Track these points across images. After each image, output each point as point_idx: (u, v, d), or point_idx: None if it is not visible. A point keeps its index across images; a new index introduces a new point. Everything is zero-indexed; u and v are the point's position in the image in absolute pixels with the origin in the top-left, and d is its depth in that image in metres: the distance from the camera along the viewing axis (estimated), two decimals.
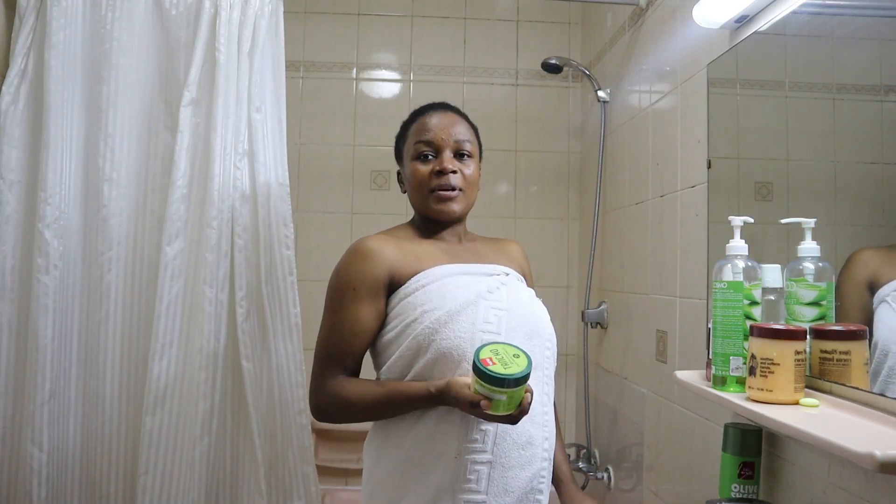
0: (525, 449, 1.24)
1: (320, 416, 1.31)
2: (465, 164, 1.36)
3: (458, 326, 1.22)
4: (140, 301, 1.84)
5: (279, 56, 1.92)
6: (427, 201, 1.35)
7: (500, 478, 1.22)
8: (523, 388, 1.14)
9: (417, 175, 1.35)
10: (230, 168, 1.82)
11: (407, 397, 1.22)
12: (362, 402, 1.25)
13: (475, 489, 1.21)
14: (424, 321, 1.23)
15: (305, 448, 1.83)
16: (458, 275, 1.30)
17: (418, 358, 1.23)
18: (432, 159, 1.35)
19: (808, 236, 1.11)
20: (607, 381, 2.23)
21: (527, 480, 1.24)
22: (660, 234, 1.79)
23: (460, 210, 1.36)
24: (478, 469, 1.21)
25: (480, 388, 1.12)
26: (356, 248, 1.31)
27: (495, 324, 1.25)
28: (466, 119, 1.43)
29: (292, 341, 1.84)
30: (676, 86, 1.71)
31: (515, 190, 2.65)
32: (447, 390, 1.17)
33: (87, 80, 1.85)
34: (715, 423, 1.43)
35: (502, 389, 1.10)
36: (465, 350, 1.21)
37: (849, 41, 1.17)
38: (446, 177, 1.33)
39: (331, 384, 1.27)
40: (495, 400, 1.12)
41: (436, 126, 1.36)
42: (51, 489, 1.76)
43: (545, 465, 1.27)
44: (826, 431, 0.88)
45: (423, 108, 1.43)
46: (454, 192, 1.34)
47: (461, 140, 1.36)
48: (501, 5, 2.72)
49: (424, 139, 1.36)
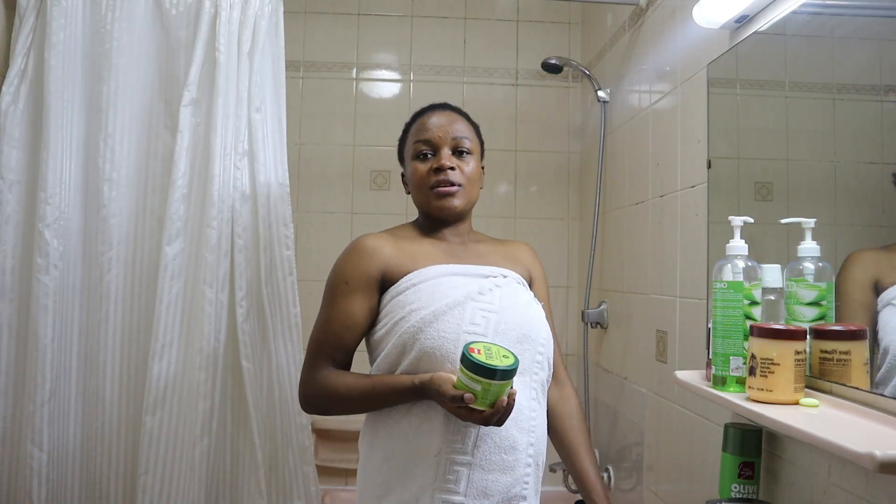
0: (507, 453, 1.23)
1: (308, 407, 1.33)
2: (464, 161, 1.37)
3: (443, 326, 1.22)
4: (140, 301, 1.84)
5: (279, 56, 1.92)
6: (427, 198, 1.37)
7: (479, 480, 1.21)
8: (506, 386, 1.13)
9: (417, 173, 1.37)
10: (230, 168, 1.82)
11: (393, 389, 1.23)
12: (349, 393, 1.27)
13: (454, 490, 1.20)
14: (411, 319, 1.24)
15: (305, 448, 1.84)
16: (450, 275, 1.30)
17: (404, 356, 1.24)
18: (431, 157, 1.37)
19: (808, 236, 1.11)
20: (607, 381, 2.23)
21: (507, 485, 1.23)
22: (660, 234, 1.79)
23: (461, 205, 1.37)
24: (457, 469, 1.21)
25: (464, 379, 1.12)
26: (353, 245, 1.34)
27: (482, 325, 1.25)
28: (466, 117, 1.45)
29: (292, 341, 1.84)
30: (676, 86, 1.71)
31: (515, 190, 2.65)
32: (430, 384, 1.17)
33: (87, 80, 1.85)
34: (715, 423, 1.43)
35: (485, 380, 1.10)
36: (448, 350, 1.21)
37: (849, 41, 1.16)
38: (444, 173, 1.34)
39: (319, 375, 1.30)
40: (477, 393, 1.12)
41: (434, 125, 1.38)
42: (51, 489, 1.76)
43: (529, 472, 1.26)
44: (826, 431, 0.88)
45: (423, 109, 1.45)
46: (454, 188, 1.35)
47: (459, 137, 1.38)
48: (501, 5, 2.72)
49: (423, 138, 1.38)
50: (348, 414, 1.33)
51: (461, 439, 1.21)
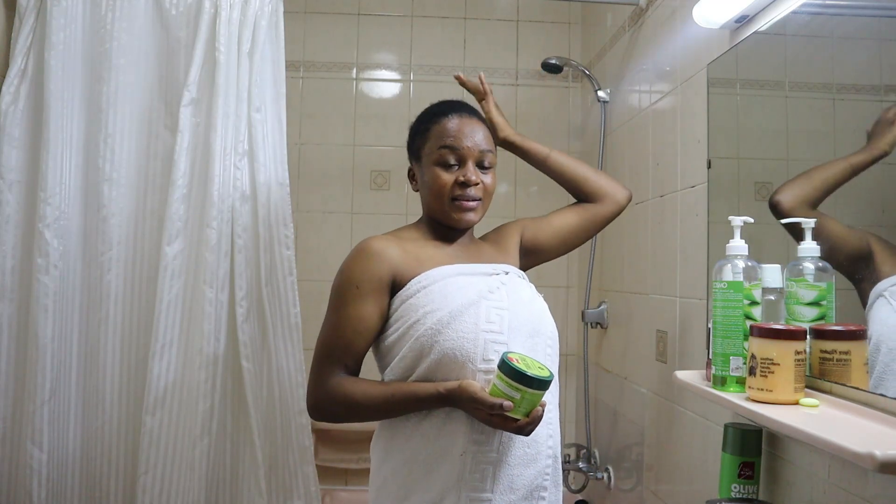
0: (530, 447, 1.25)
1: (318, 415, 1.31)
2: (486, 175, 1.37)
3: (461, 327, 1.22)
4: (140, 301, 1.84)
5: (279, 56, 1.92)
6: (446, 208, 1.35)
7: (505, 476, 1.23)
8: (540, 396, 1.16)
9: (439, 181, 1.34)
10: (230, 168, 1.82)
11: (416, 398, 1.22)
12: (367, 400, 1.25)
13: (481, 487, 1.21)
14: (427, 322, 1.23)
15: (305, 448, 1.84)
16: (458, 276, 1.30)
17: (422, 359, 1.23)
18: (456, 167, 1.34)
19: (808, 236, 1.11)
20: (607, 381, 2.23)
21: (531, 478, 1.25)
22: (660, 234, 1.79)
23: (478, 219, 1.39)
24: (483, 467, 1.22)
25: (502, 386, 1.14)
26: (360, 248, 1.32)
27: (498, 323, 1.25)
28: (486, 123, 1.44)
29: (292, 341, 1.84)
30: (676, 86, 1.71)
31: (515, 190, 2.65)
32: (460, 393, 1.17)
33: (87, 80, 1.85)
34: (715, 423, 1.43)
35: (524, 389, 1.13)
36: (468, 350, 1.21)
37: (849, 41, 1.16)
38: (470, 188, 1.34)
39: (331, 382, 1.27)
40: (515, 401, 1.14)
41: (460, 133, 1.35)
42: (51, 489, 1.76)
43: (549, 463, 1.28)
44: (826, 431, 0.88)
45: (445, 108, 1.40)
46: (474, 203, 1.35)
47: (485, 150, 1.36)
48: (501, 5, 2.72)
49: (449, 145, 1.34)
50: (362, 421, 1.31)
51: (486, 439, 1.22)
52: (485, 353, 1.22)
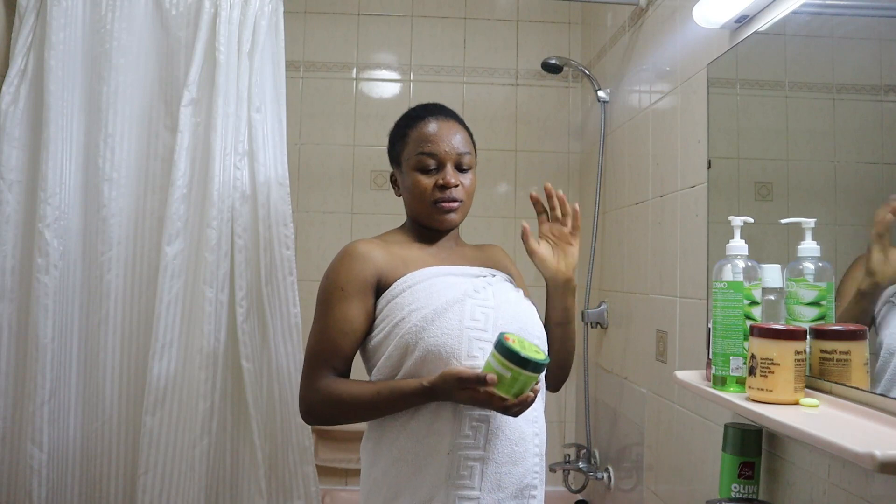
0: (518, 445, 1.25)
1: (311, 419, 1.31)
2: (465, 176, 1.38)
3: (445, 324, 1.23)
4: (140, 301, 1.84)
5: (279, 56, 1.92)
6: (429, 211, 1.37)
7: (493, 474, 1.23)
8: (533, 379, 1.15)
9: (419, 186, 1.36)
10: (230, 168, 1.82)
11: (401, 394, 1.22)
12: (354, 401, 1.25)
13: (469, 485, 1.22)
14: (411, 320, 1.24)
15: (305, 448, 1.84)
16: (444, 275, 1.32)
17: (407, 356, 1.24)
18: (434, 172, 1.36)
19: (808, 236, 1.11)
20: (607, 381, 2.23)
21: (520, 476, 1.25)
22: (660, 234, 1.79)
23: (460, 219, 1.40)
24: (471, 465, 1.22)
25: (495, 364, 1.13)
26: (344, 251, 1.34)
27: (482, 321, 1.25)
28: (463, 124, 1.43)
29: (292, 341, 1.84)
30: (676, 86, 1.71)
31: (515, 190, 2.65)
32: (444, 380, 1.17)
33: (87, 80, 1.85)
34: (715, 423, 1.44)
35: (517, 369, 1.12)
36: (452, 347, 1.21)
37: (849, 41, 1.16)
38: (449, 190, 1.35)
39: (321, 385, 1.28)
40: (505, 380, 1.13)
41: (437, 137, 1.36)
42: (51, 489, 1.76)
43: (536, 461, 1.29)
44: (826, 431, 0.88)
45: (421, 112, 1.41)
46: (455, 204, 1.36)
47: (463, 153, 1.37)
48: (501, 5, 2.72)
49: (427, 151, 1.35)
50: (353, 422, 1.31)
51: (473, 434, 1.22)
52: (469, 350, 1.22)
